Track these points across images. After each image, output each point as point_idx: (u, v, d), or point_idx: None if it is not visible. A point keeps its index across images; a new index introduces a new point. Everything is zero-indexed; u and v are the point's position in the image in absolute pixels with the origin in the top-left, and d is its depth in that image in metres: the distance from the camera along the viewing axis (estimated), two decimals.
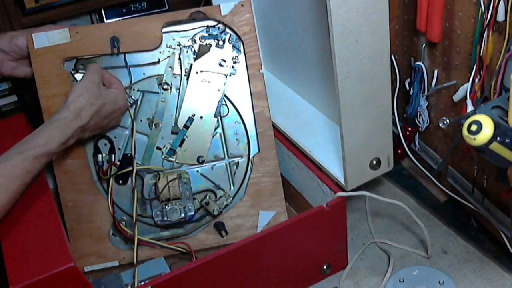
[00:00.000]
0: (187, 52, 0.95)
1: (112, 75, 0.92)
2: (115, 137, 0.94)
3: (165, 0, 1.11)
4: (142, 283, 0.88)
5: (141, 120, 0.95)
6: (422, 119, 0.99)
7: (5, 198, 0.73)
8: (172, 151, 0.96)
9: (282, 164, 0.99)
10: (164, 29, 0.93)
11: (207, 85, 0.95)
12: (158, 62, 0.94)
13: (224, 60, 0.95)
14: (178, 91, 0.95)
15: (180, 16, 0.94)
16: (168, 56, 0.94)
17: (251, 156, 0.96)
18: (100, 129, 0.89)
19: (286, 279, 0.92)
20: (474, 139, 0.66)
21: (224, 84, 0.96)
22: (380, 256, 0.98)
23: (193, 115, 0.95)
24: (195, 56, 0.95)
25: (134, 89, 0.94)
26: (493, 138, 0.65)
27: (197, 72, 0.95)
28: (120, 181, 0.94)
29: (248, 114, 0.96)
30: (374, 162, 0.91)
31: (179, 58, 0.95)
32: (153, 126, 0.95)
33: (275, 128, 1.00)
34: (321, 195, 0.94)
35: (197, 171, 0.96)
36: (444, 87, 0.92)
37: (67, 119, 0.81)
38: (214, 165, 0.96)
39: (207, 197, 0.95)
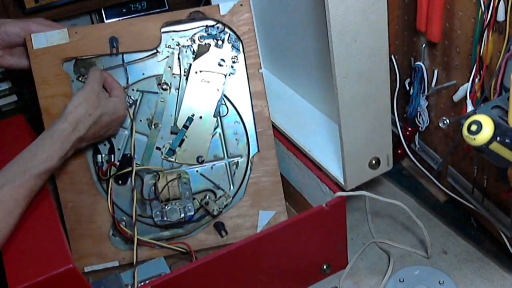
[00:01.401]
0: (186, 52, 0.95)
1: (115, 80, 0.91)
2: (115, 138, 0.94)
3: (165, 0, 1.11)
4: (142, 283, 0.88)
5: (141, 120, 0.95)
6: (422, 119, 0.99)
7: (13, 222, 0.73)
8: (172, 151, 0.95)
9: (281, 164, 0.99)
10: (163, 29, 0.93)
11: (206, 85, 0.95)
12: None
13: (223, 60, 0.95)
14: (177, 91, 0.95)
15: (179, 16, 0.94)
16: (167, 56, 0.94)
17: (250, 155, 0.96)
18: (98, 138, 0.89)
19: (286, 279, 0.92)
20: (474, 139, 0.66)
21: (224, 84, 0.95)
22: (380, 256, 0.97)
23: (193, 115, 0.95)
24: (194, 56, 0.95)
25: (133, 89, 0.94)
26: (493, 138, 0.65)
27: (196, 72, 0.95)
28: (120, 182, 0.94)
29: (247, 114, 0.96)
30: (374, 161, 0.91)
31: (178, 58, 0.95)
32: (153, 126, 0.95)
33: (275, 127, 1.00)
34: (320, 194, 0.94)
35: (197, 171, 0.96)
36: (444, 87, 0.92)
37: (66, 131, 0.80)
38: (214, 165, 0.96)
39: (207, 197, 0.95)
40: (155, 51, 0.94)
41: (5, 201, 0.72)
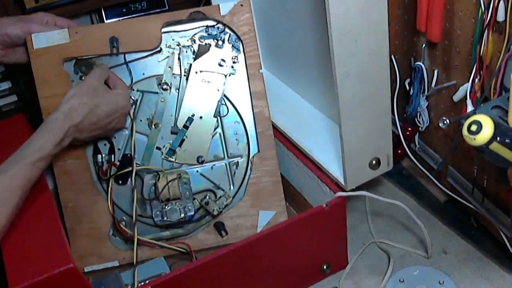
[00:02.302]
0: (186, 52, 0.95)
1: (118, 77, 0.91)
2: (115, 137, 0.94)
3: (165, 0, 1.11)
4: (142, 283, 0.88)
5: (141, 120, 0.95)
6: (422, 119, 0.99)
7: (9, 212, 0.72)
8: (172, 151, 0.95)
9: (281, 164, 0.99)
10: (164, 29, 0.93)
11: (206, 85, 0.95)
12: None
13: (223, 60, 0.95)
14: (177, 91, 0.95)
15: (179, 16, 0.94)
16: (168, 56, 0.94)
17: (250, 156, 0.96)
18: (100, 130, 0.88)
19: (286, 279, 0.92)
20: (474, 139, 0.66)
21: (224, 84, 0.95)
22: (380, 256, 0.97)
23: (193, 115, 0.95)
24: (194, 56, 0.95)
25: (133, 89, 0.94)
26: (493, 138, 0.65)
27: (196, 72, 0.95)
28: (120, 181, 0.94)
29: (247, 114, 0.96)
30: (374, 162, 0.91)
31: (179, 58, 0.95)
32: (153, 126, 0.95)
33: (275, 128, 1.00)
34: (320, 195, 0.94)
35: (197, 171, 0.96)
36: (444, 87, 0.92)
37: (58, 119, 0.81)
38: (214, 165, 0.96)
39: (207, 197, 0.95)
40: (155, 51, 0.94)
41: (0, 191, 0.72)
